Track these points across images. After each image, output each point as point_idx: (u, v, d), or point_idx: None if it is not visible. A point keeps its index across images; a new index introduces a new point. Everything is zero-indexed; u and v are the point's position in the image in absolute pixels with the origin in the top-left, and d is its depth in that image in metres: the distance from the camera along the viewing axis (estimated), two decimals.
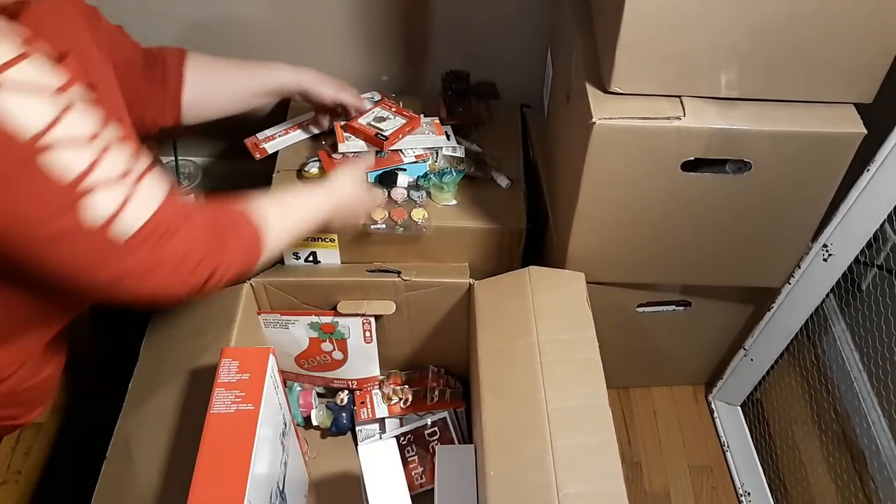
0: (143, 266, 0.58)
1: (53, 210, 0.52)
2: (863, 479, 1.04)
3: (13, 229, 0.52)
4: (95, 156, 0.53)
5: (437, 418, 1.13)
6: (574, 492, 0.75)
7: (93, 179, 0.53)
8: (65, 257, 0.55)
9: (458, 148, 1.14)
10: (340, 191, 0.89)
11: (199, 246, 0.63)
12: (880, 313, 1.00)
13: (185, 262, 0.62)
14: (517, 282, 0.95)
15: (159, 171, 0.60)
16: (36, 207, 0.52)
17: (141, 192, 0.57)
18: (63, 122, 0.51)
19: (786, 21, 0.76)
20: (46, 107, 0.50)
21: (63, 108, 0.51)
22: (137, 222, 0.57)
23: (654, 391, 1.34)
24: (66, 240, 0.54)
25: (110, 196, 0.54)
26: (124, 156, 0.56)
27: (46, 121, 0.50)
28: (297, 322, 1.07)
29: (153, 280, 0.60)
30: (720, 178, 0.89)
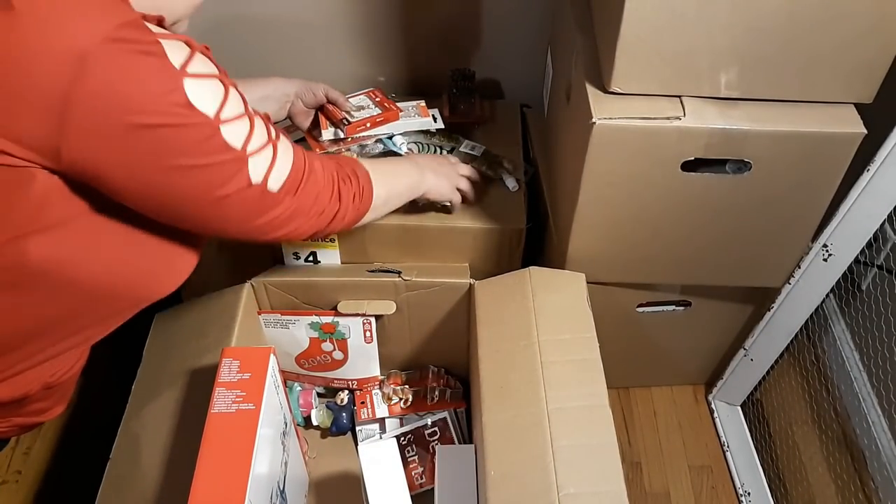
0: (290, 210, 0.72)
1: (231, 172, 0.64)
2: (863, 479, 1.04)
3: (195, 192, 0.63)
4: (250, 125, 0.65)
5: (438, 418, 1.13)
6: (574, 492, 0.75)
7: (253, 144, 0.65)
8: (233, 211, 0.67)
9: (477, 147, 1.14)
10: (426, 162, 1.00)
11: (326, 189, 0.77)
12: (880, 313, 1.00)
13: (316, 203, 0.76)
14: (517, 282, 0.95)
15: (283, 131, 0.72)
16: (218, 172, 0.63)
17: (280, 149, 0.69)
18: (229, 100, 0.62)
19: (786, 21, 0.77)
20: (218, 90, 0.61)
21: (226, 90, 0.62)
22: (284, 175, 0.70)
23: (655, 391, 1.34)
24: (237, 196, 0.65)
25: (265, 156, 0.67)
26: (263, 123, 0.68)
27: (220, 100, 0.61)
28: (297, 322, 1.07)
29: (295, 221, 0.73)
30: (720, 178, 0.89)
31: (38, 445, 1.26)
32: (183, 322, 0.99)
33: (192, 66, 0.58)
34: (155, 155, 0.58)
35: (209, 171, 0.62)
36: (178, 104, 0.57)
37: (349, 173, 0.82)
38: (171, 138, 0.58)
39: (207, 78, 0.60)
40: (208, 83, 0.60)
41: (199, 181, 0.62)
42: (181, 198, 0.63)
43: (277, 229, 0.73)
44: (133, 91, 0.54)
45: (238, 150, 0.63)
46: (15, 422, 0.75)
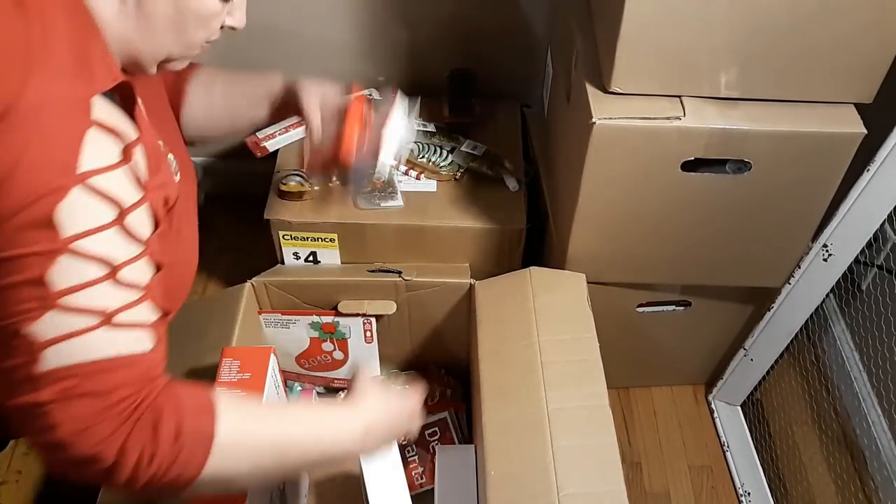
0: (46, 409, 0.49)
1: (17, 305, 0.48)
2: (863, 478, 1.04)
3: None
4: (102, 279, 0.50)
5: (438, 418, 1.13)
6: (574, 492, 0.75)
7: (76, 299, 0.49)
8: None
9: (478, 147, 1.15)
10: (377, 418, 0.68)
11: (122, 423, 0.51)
12: (880, 313, 1.00)
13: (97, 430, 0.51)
14: (518, 282, 0.95)
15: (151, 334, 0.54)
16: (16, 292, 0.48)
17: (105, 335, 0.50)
18: (105, 237, 0.49)
19: (786, 21, 0.77)
20: (103, 216, 0.49)
21: (114, 225, 0.50)
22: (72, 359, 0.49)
23: (654, 391, 1.34)
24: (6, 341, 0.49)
25: (73, 321, 0.49)
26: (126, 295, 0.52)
27: (93, 228, 0.49)
28: (297, 322, 1.07)
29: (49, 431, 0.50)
30: (720, 178, 0.89)
31: None
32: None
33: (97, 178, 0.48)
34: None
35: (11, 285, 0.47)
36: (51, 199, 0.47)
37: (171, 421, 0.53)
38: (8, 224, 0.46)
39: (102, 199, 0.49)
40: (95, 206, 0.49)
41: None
42: None
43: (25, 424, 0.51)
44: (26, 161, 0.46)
45: (50, 290, 0.48)
46: None
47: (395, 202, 1.08)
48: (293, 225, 1.08)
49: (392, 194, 1.09)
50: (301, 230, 1.09)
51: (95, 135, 0.49)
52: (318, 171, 0.87)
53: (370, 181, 1.04)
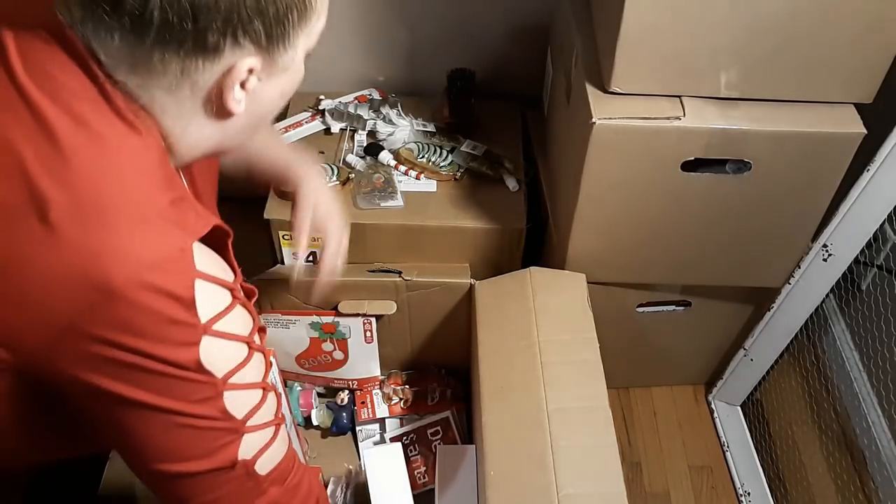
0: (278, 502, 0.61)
1: (221, 440, 0.55)
2: (863, 479, 1.04)
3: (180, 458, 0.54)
4: (262, 396, 0.57)
5: (440, 418, 1.13)
6: (574, 492, 0.75)
7: (256, 418, 0.56)
8: (217, 487, 0.56)
9: (478, 147, 1.15)
10: None
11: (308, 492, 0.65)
12: (880, 313, 1.00)
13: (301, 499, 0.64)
14: (518, 282, 0.95)
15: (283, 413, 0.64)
16: (206, 437, 0.54)
17: (282, 433, 0.61)
18: (248, 364, 0.55)
19: (786, 21, 0.77)
20: (239, 354, 0.55)
21: (249, 355, 0.55)
22: (275, 461, 0.60)
23: (654, 391, 1.34)
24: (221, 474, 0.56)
25: (263, 434, 0.58)
26: (275, 399, 0.60)
27: (238, 362, 0.54)
28: (297, 322, 1.07)
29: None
30: (720, 178, 0.89)
31: None
32: None
33: (220, 323, 0.52)
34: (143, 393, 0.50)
35: (197, 432, 0.53)
36: (186, 361, 0.50)
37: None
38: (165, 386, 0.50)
39: (231, 339, 0.53)
40: (229, 345, 0.54)
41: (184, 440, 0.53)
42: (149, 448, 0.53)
43: None
44: (144, 333, 0.48)
45: (237, 420, 0.55)
46: None
47: (395, 202, 1.08)
48: None
49: (392, 194, 1.09)
50: None
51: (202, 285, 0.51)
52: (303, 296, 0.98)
53: None
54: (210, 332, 0.51)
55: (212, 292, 0.52)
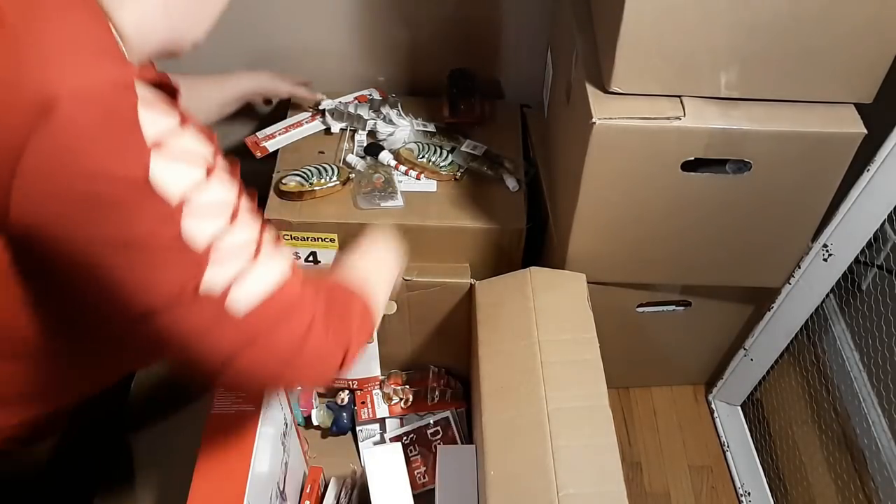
0: (267, 344, 0.56)
1: (180, 276, 0.51)
2: (863, 479, 1.04)
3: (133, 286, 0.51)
4: (229, 220, 0.53)
5: (440, 417, 1.13)
6: (574, 492, 0.75)
7: (223, 244, 0.52)
8: (182, 325, 0.53)
9: (478, 147, 1.15)
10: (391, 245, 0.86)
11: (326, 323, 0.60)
12: (880, 313, 1.00)
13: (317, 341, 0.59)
14: (518, 282, 0.95)
15: (282, 249, 0.59)
16: (164, 272, 0.51)
17: (264, 261, 0.55)
18: (207, 188, 0.52)
19: (786, 21, 0.77)
20: (196, 173, 0.52)
21: (207, 175, 0.52)
22: (257, 294, 0.55)
23: (655, 391, 1.34)
24: (185, 307, 0.52)
25: (234, 264, 0.53)
26: (252, 224, 0.56)
27: (192, 183, 0.51)
28: None
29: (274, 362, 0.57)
30: (720, 179, 0.89)
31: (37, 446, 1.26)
32: None
33: (170, 142, 0.50)
34: (96, 228, 0.49)
35: (155, 265, 0.51)
36: (135, 181, 0.48)
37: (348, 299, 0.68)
38: (117, 215, 0.49)
39: (183, 160, 0.51)
40: (181, 166, 0.51)
41: (139, 273, 0.51)
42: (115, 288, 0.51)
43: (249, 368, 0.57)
44: (89, 156, 0.47)
45: (199, 251, 0.51)
46: None
47: (396, 202, 1.08)
48: (293, 225, 1.08)
49: (392, 194, 1.09)
50: (301, 230, 1.09)
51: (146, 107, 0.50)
52: None
53: None
54: (158, 150, 0.49)
55: (155, 114, 0.50)
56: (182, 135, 0.51)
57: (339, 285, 0.68)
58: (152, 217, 0.49)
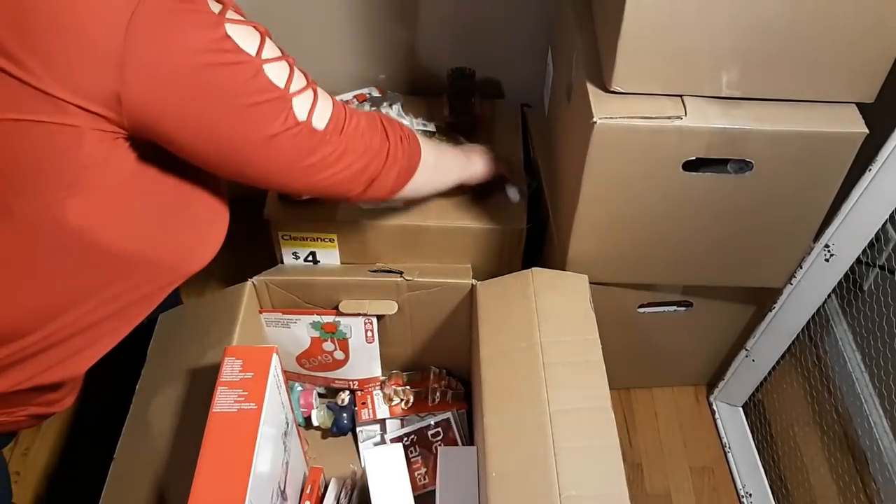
0: (339, 149, 0.74)
1: (278, 110, 0.67)
2: (864, 480, 1.04)
3: (246, 132, 0.66)
4: (290, 67, 0.68)
5: (441, 419, 1.13)
6: (576, 494, 0.74)
7: (295, 85, 0.68)
8: (283, 151, 0.69)
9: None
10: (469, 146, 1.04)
11: (371, 127, 0.79)
12: (882, 314, 1.00)
13: (363, 140, 0.77)
14: (520, 283, 0.95)
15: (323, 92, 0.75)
16: (266, 111, 0.66)
17: (320, 92, 0.72)
18: (266, 44, 0.66)
19: (787, 20, 0.76)
20: (254, 35, 0.65)
21: (262, 36, 0.66)
22: (327, 114, 0.73)
23: (656, 392, 1.34)
24: (285, 135, 0.68)
25: (307, 96, 0.70)
26: (299, 69, 0.71)
27: (258, 43, 0.65)
28: (298, 321, 1.07)
29: (345, 159, 0.75)
30: (721, 178, 0.89)
31: (38, 445, 1.26)
32: (186, 321, 0.99)
33: (229, 13, 0.62)
34: (206, 97, 0.62)
35: (258, 109, 0.65)
36: (223, 42, 0.61)
37: (391, 119, 0.84)
38: (220, 78, 0.61)
39: (244, 24, 0.64)
40: (245, 28, 0.64)
41: (249, 121, 0.65)
42: (233, 140, 0.66)
43: (328, 168, 0.74)
44: (180, 35, 0.58)
45: (282, 89, 0.66)
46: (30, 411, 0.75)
47: (396, 202, 1.08)
48: (293, 225, 1.08)
49: None
50: (301, 230, 1.08)
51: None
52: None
53: None
54: (226, 20, 0.62)
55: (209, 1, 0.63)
56: (230, 6, 0.63)
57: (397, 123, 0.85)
58: (245, 70, 0.63)
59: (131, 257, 0.68)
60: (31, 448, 1.25)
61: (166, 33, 0.58)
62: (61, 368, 0.71)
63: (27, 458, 1.24)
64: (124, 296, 0.71)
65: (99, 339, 0.72)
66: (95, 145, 0.59)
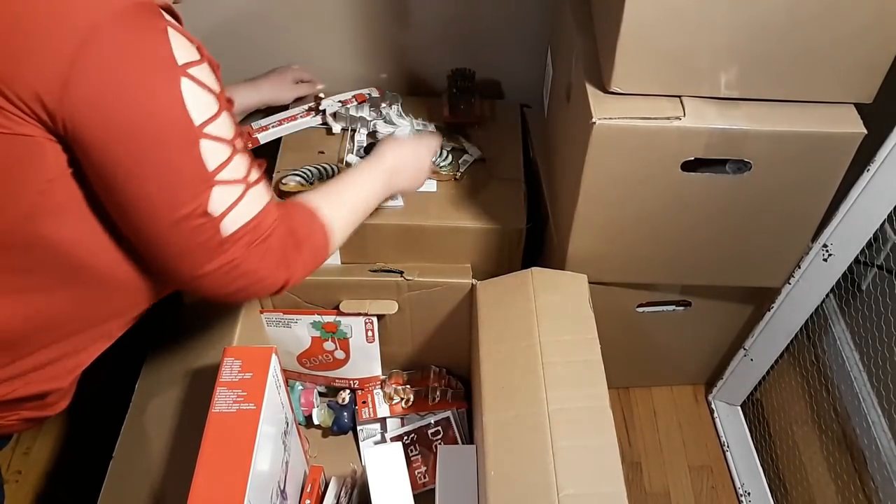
0: (237, 262, 0.65)
1: (191, 192, 0.60)
2: (863, 479, 1.04)
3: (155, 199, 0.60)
4: (231, 153, 0.62)
5: (441, 417, 1.13)
6: (574, 492, 0.75)
7: (225, 173, 0.62)
8: (181, 241, 0.62)
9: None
10: (393, 161, 0.92)
11: (281, 253, 0.69)
12: (880, 313, 1.00)
13: (268, 265, 0.68)
14: (519, 283, 0.95)
15: (266, 182, 0.68)
16: (181, 185, 0.60)
17: (252, 194, 0.65)
18: (218, 120, 0.61)
19: (786, 21, 0.77)
20: (211, 105, 0.60)
21: (219, 108, 0.61)
22: (242, 220, 0.64)
23: (655, 391, 1.34)
24: (188, 224, 0.61)
25: (231, 191, 0.63)
26: (246, 161, 0.65)
27: (211, 114, 0.60)
28: (299, 321, 1.07)
29: (241, 277, 0.66)
30: (720, 178, 0.89)
31: (38, 445, 1.26)
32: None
33: (193, 70, 0.58)
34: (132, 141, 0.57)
35: (175, 178, 0.59)
36: (170, 94, 0.57)
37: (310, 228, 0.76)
38: (152, 127, 0.57)
39: (204, 88, 0.59)
40: (203, 94, 0.59)
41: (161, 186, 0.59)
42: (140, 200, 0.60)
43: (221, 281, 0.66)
44: (131, 68, 0.55)
45: (209, 171, 0.61)
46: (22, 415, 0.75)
47: (396, 202, 1.08)
48: None
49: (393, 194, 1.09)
50: None
51: (174, 34, 0.58)
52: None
53: None
54: (186, 75, 0.57)
55: (182, 42, 0.58)
56: (202, 64, 0.59)
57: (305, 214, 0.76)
58: (181, 136, 0.58)
59: (110, 272, 0.67)
60: (31, 448, 1.26)
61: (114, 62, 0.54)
62: (43, 380, 0.70)
63: (28, 458, 1.24)
64: (103, 309, 0.70)
65: (81, 351, 0.72)
66: (57, 156, 0.58)
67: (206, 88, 0.59)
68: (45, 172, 0.58)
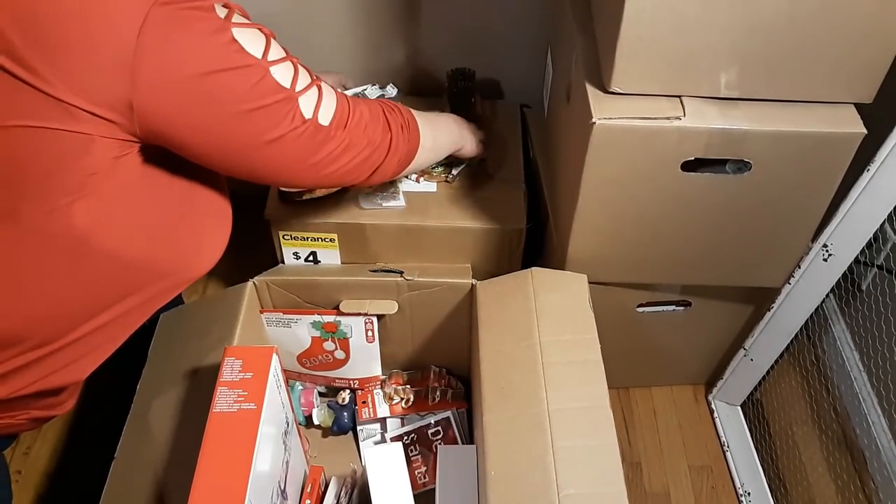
0: (343, 143, 0.75)
1: (284, 112, 0.68)
2: (863, 479, 1.04)
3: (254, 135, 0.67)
4: (294, 67, 0.70)
5: (441, 418, 1.13)
6: (574, 492, 0.75)
7: (300, 84, 0.70)
8: (289, 150, 0.71)
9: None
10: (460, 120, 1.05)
11: (374, 121, 0.80)
12: (880, 313, 1.00)
13: (366, 134, 0.79)
14: (519, 283, 0.95)
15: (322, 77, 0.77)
16: (272, 113, 0.67)
17: (324, 88, 0.74)
18: (271, 46, 0.67)
19: (786, 21, 0.77)
20: (260, 37, 0.67)
21: (266, 37, 0.67)
22: (331, 110, 0.74)
23: (654, 391, 1.35)
24: (291, 135, 0.70)
25: (312, 94, 0.71)
26: (303, 66, 0.72)
27: (264, 45, 0.67)
28: (299, 321, 1.07)
29: (348, 154, 0.77)
30: (720, 178, 0.89)
31: (38, 445, 1.26)
32: (187, 321, 0.99)
33: (235, 18, 0.64)
34: (216, 102, 0.63)
35: (266, 112, 0.66)
36: (230, 46, 0.62)
37: (393, 107, 0.86)
38: (229, 83, 0.63)
39: (249, 27, 0.65)
40: (251, 32, 0.65)
41: (257, 123, 0.67)
42: (242, 144, 0.67)
43: (333, 162, 0.76)
44: (189, 42, 0.60)
45: (288, 89, 0.68)
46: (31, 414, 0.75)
47: (397, 202, 1.08)
48: (293, 225, 1.08)
49: (394, 194, 1.09)
50: (301, 230, 1.09)
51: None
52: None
53: None
54: (233, 25, 0.63)
55: (215, 5, 0.64)
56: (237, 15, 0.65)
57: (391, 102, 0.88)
58: (253, 74, 0.64)
59: (135, 262, 0.69)
60: (32, 448, 1.26)
61: (176, 40, 0.59)
62: (63, 374, 0.71)
63: (28, 458, 1.24)
64: (127, 301, 0.71)
65: (101, 344, 0.73)
66: (103, 152, 0.60)
67: (250, 27, 0.65)
68: (88, 166, 0.60)
